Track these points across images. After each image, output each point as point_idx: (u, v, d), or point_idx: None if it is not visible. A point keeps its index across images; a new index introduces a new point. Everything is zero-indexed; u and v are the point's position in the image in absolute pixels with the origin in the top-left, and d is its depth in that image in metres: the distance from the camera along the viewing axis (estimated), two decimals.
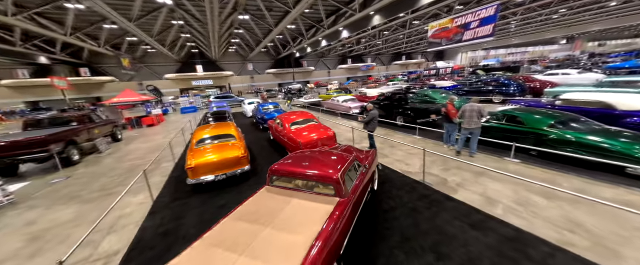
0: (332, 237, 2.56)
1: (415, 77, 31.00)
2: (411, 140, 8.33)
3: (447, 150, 7.05)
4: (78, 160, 7.84)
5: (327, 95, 19.60)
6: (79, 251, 3.58)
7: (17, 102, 28.86)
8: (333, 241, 2.56)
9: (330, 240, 2.52)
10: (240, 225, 2.68)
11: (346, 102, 14.16)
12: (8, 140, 6.26)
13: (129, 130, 13.43)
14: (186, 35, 26.71)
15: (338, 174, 3.22)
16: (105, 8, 14.81)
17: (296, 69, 40.93)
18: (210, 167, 5.39)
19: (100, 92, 32.37)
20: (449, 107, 6.69)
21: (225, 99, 21.24)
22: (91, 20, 20.81)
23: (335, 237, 2.64)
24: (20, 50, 22.21)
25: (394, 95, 11.22)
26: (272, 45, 35.63)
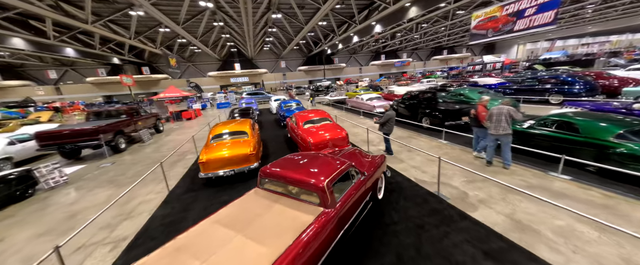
0: (305, 252, 2.37)
1: (456, 74, 28.05)
2: (435, 145, 7.52)
3: (474, 159, 6.17)
4: (124, 149, 9.07)
5: (353, 93, 19.05)
6: (98, 233, 4.08)
7: (97, 96, 34.85)
8: (306, 256, 2.38)
9: (303, 255, 2.34)
10: (216, 229, 2.65)
11: (371, 100, 13.51)
12: (70, 129, 7.57)
13: (171, 123, 15.07)
14: (226, 36, 28.71)
15: (325, 182, 2.99)
16: (158, 14, 16.73)
17: (327, 66, 40.82)
18: (221, 163, 5.63)
19: (157, 88, 37.07)
20: (480, 109, 5.80)
21: (255, 95, 22.28)
22: (149, 25, 23.75)
23: (311, 252, 2.44)
24: (99, 52, 26.51)
25: (421, 94, 10.27)
26: (304, 42, 36.08)
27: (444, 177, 5.28)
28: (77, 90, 34.27)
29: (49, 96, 32.80)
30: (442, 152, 6.81)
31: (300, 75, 43.12)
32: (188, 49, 32.84)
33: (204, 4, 18.69)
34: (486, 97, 5.91)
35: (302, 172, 3.24)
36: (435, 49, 51.80)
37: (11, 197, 5.10)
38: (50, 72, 33.14)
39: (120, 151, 8.81)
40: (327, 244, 2.73)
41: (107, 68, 33.51)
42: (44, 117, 13.88)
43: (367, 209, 3.98)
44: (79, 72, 34.26)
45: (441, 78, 28.57)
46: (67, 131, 7.54)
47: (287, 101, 13.12)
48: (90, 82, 33.76)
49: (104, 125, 8.11)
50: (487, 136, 5.90)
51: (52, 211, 4.86)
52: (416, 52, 52.02)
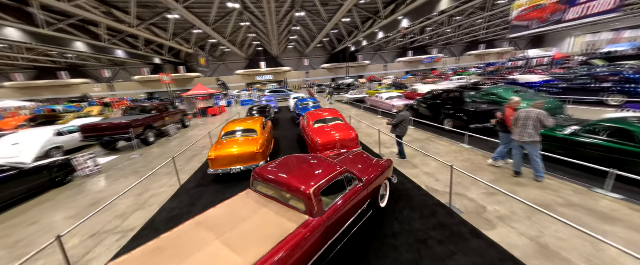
0: (282, 263, 2.25)
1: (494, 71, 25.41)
2: (455, 150, 6.84)
3: (497, 168, 5.46)
4: (153, 142, 9.89)
5: (374, 92, 18.37)
6: (113, 221, 4.44)
7: (141, 93, 38.77)
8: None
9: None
10: (198, 231, 2.63)
11: (390, 100, 12.86)
12: (107, 123, 8.46)
13: (198, 118, 16.10)
14: (253, 35, 29.72)
15: (311, 188, 2.81)
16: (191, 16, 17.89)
17: (350, 64, 40.03)
18: (228, 160, 5.77)
19: (191, 85, 39.96)
20: (508, 113, 5.09)
21: (277, 93, 22.73)
22: (184, 27, 25.56)
23: (290, 264, 2.32)
24: (143, 53, 29.30)
25: (445, 94, 9.43)
26: (327, 40, 35.80)
27: (460, 187, 4.76)
28: (126, 88, 38.51)
29: (104, 93, 37.39)
30: (462, 159, 6.17)
31: (323, 73, 43.01)
32: (219, 48, 34.76)
33: (231, 5, 19.49)
34: (516, 99, 5.16)
35: (291, 177, 3.11)
36: (471, 44, 47.66)
37: (53, 182, 5.85)
38: (105, 71, 37.70)
39: (149, 144, 9.63)
40: (309, 255, 2.56)
41: (150, 67, 37.04)
42: (95, 111, 15.86)
43: (366, 218, 3.72)
44: (128, 71, 38.43)
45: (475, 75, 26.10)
46: (105, 125, 8.46)
47: (304, 99, 13.11)
48: (137, 80, 37.66)
49: (135, 120, 8.92)
50: (507, 139, 5.21)
51: (82, 198, 5.45)
52: (448, 48, 48.41)
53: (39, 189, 5.57)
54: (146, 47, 29.31)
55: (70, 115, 13.90)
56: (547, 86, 12.20)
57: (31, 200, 5.35)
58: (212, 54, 36.81)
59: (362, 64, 43.75)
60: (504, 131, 5.22)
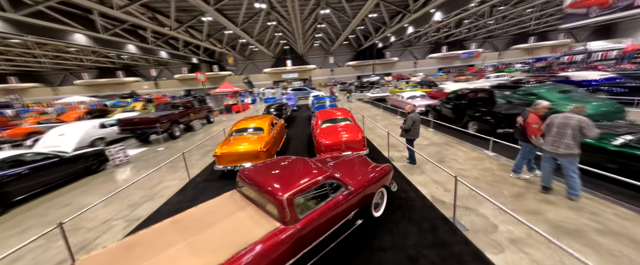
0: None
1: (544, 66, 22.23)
2: (475, 157, 6.12)
3: (519, 181, 4.73)
4: (179, 136, 10.73)
5: (397, 90, 17.45)
6: (125, 210, 4.87)
7: (180, 90, 42.52)
8: None
9: None
10: (171, 231, 2.65)
11: (412, 99, 12.05)
12: (139, 117, 9.42)
13: (223, 115, 17.07)
14: (279, 34, 30.43)
15: (285, 194, 2.67)
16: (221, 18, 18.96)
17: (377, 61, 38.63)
18: (233, 157, 5.96)
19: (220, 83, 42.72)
20: (531, 119, 4.34)
21: (298, 91, 22.97)
22: (217, 28, 27.27)
23: None
24: (182, 54, 31.97)
25: (472, 93, 8.49)
26: (353, 36, 35.00)
27: (473, 200, 4.23)
28: (168, 85, 42.60)
29: (150, 89, 41.86)
30: (482, 167, 5.49)
31: (348, 71, 42.27)
32: (248, 48, 36.34)
33: (258, 6, 20.15)
34: (545, 103, 4.38)
35: (269, 180, 3.01)
36: (518, 36, 42.41)
37: (88, 170, 6.69)
38: (152, 70, 42.14)
39: (175, 138, 10.48)
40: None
41: (188, 66, 40.35)
42: (138, 107, 17.81)
43: (354, 227, 3.50)
44: (170, 70, 42.42)
45: (520, 72, 23.16)
46: (137, 119, 9.44)
47: (320, 97, 12.99)
48: (177, 78, 41.38)
49: (162, 115, 9.77)
50: (527, 150, 4.47)
51: (109, 185, 6.12)
52: (490, 41, 43.77)
53: (76, 175, 6.42)
54: (185, 48, 31.91)
55: (118, 109, 15.81)
56: (607, 85, 10.25)
57: (69, 185, 6.19)
58: (241, 53, 38.64)
59: (390, 60, 41.95)
60: (524, 140, 4.48)
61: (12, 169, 5.07)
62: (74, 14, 16.05)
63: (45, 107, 21.82)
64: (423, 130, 9.07)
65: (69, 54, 31.87)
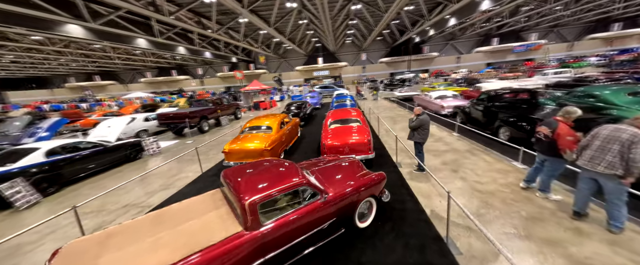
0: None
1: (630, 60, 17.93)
2: (500, 168, 5.30)
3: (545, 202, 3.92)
4: (207, 130, 11.74)
5: (429, 88, 16.09)
6: (142, 196, 5.51)
7: (222, 87, 46.31)
8: None
9: None
10: (149, 225, 2.79)
11: (440, 99, 10.96)
12: (173, 112, 10.57)
13: (251, 111, 18.05)
14: (311, 32, 30.72)
15: (249, 199, 2.65)
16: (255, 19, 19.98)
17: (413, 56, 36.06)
18: (240, 155, 6.25)
19: (259, 80, 45.03)
20: (563, 129, 3.53)
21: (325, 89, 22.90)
22: (253, 29, 28.83)
23: None
24: (223, 54, 34.67)
25: (508, 94, 7.33)
26: (388, 31, 33.27)
27: (481, 219, 3.68)
28: (212, 82, 46.81)
29: (196, 87, 46.57)
30: (503, 182, 4.73)
31: (381, 68, 40.47)
32: (281, 46, 37.60)
33: (289, 5, 20.63)
34: (574, 110, 3.54)
35: (242, 183, 3.01)
36: (596, 24, 34.97)
37: (127, 157, 7.78)
38: (199, 69, 46.79)
39: (203, 132, 11.49)
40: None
41: (229, 65, 43.65)
42: (181, 103, 20.02)
43: (330, 238, 3.35)
44: (213, 69, 46.51)
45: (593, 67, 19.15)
46: (171, 114, 10.62)
47: (340, 96, 12.74)
48: (219, 76, 45.17)
49: (192, 111, 10.79)
50: (556, 166, 3.65)
51: (140, 172, 7.00)
52: (557, 31, 37.08)
53: (116, 162, 7.52)
54: (225, 48, 34.51)
55: (164, 104, 18.00)
56: None
57: (109, 170, 7.30)
58: (276, 52, 40.13)
59: (428, 56, 38.82)
60: (552, 155, 3.67)
61: (66, 154, 6.20)
62: (137, 21, 18.72)
63: (111, 102, 26.14)
64: (446, 134, 8.22)
65: (135, 56, 37.33)
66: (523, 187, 4.35)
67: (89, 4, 14.10)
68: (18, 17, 12.31)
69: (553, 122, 3.66)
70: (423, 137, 5.23)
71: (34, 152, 5.70)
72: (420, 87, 19.03)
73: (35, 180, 5.44)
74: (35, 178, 5.46)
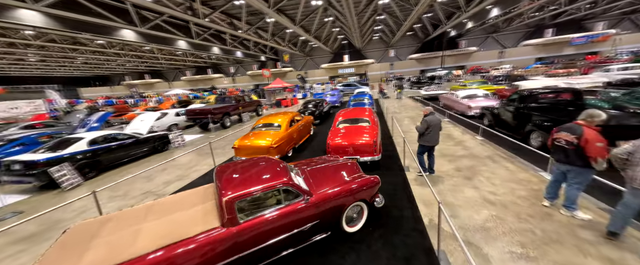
0: None
1: None
2: (523, 178, 4.67)
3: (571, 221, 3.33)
4: (229, 126, 12.44)
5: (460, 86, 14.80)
6: (160, 185, 6.07)
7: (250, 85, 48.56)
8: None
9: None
10: (143, 213, 2.98)
11: (467, 99, 10.00)
12: (199, 109, 11.40)
13: (273, 108, 18.62)
14: (337, 29, 30.44)
15: (227, 196, 2.72)
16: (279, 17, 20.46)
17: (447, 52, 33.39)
18: (248, 151, 6.49)
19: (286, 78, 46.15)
20: (591, 135, 2.97)
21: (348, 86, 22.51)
22: (280, 28, 29.62)
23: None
24: (253, 53, 36.30)
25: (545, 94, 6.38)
26: (419, 25, 31.31)
27: (485, 235, 3.31)
28: (242, 80, 49.36)
29: (228, 84, 49.54)
30: (523, 194, 4.17)
31: (410, 64, 38.30)
32: (307, 44, 37.95)
33: (315, 3, 20.72)
34: (601, 116, 2.93)
35: (226, 179, 3.12)
36: None
37: (155, 149, 8.64)
38: (231, 68, 49.70)
39: (226, 127, 12.21)
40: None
41: (258, 64, 45.53)
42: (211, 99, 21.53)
43: (313, 240, 3.30)
44: (244, 68, 48.97)
45: None
46: (198, 110, 11.48)
47: (360, 94, 12.42)
48: (249, 74, 47.42)
49: (217, 108, 11.52)
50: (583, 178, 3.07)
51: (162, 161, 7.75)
52: (633, 18, 31.02)
53: (147, 153, 8.40)
54: (255, 47, 36.02)
55: (197, 101, 19.53)
56: None
57: (139, 160, 8.17)
58: (302, 50, 40.66)
59: (465, 51, 35.63)
60: (579, 164, 3.09)
61: (104, 144, 7.12)
62: (178, 24, 20.60)
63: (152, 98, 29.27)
64: (468, 137, 7.51)
65: (177, 56, 41.11)
66: (546, 205, 3.76)
67: (139, 10, 15.98)
68: (86, 25, 14.55)
69: (576, 127, 3.10)
70: (429, 140, 4.85)
71: (79, 141, 6.67)
72: (451, 86, 17.64)
73: (79, 165, 6.37)
74: (79, 163, 6.39)
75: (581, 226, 3.29)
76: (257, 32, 28.50)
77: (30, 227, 4.49)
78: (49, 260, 2.35)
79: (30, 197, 5.85)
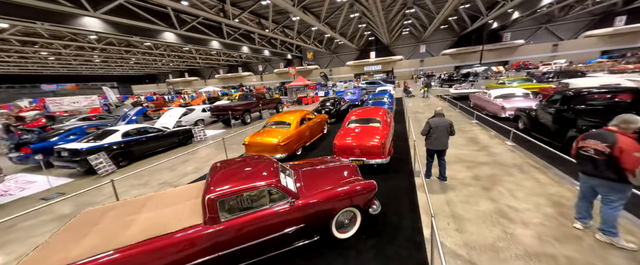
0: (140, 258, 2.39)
1: None
2: (554, 192, 4.00)
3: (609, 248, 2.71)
4: (249, 122, 12.92)
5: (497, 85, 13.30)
6: (177, 176, 6.52)
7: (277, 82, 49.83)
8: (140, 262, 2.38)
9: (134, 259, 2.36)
10: (142, 204, 3.14)
11: (501, 99, 8.90)
12: (222, 106, 12.04)
13: (293, 105, 18.86)
14: (363, 25, 29.59)
15: (210, 194, 2.76)
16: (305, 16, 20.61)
17: (487, 46, 30.20)
18: (257, 147, 6.63)
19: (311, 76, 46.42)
20: (627, 142, 2.41)
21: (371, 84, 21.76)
22: (306, 26, 29.85)
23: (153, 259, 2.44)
24: (279, 51, 37.21)
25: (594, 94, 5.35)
26: (455, 18, 28.85)
27: (493, 256, 2.91)
28: (270, 78, 50.96)
29: (256, 82, 51.56)
30: (552, 212, 3.57)
31: (443, 61, 35.49)
32: (333, 42, 37.60)
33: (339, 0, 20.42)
34: (638, 121, 2.30)
35: (215, 177, 3.17)
36: None
37: (180, 142, 9.35)
38: (259, 66, 51.62)
39: (246, 124, 12.71)
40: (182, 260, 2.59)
41: (285, 62, 46.57)
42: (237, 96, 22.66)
43: (299, 244, 3.20)
44: (271, 66, 50.50)
45: None
46: (221, 107, 12.13)
47: (380, 93, 11.91)
48: (276, 72, 48.78)
49: (238, 105, 12.03)
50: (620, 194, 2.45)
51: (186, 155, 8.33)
52: None
53: (172, 145, 9.11)
54: (281, 45, 36.88)
55: (225, 97, 20.69)
56: None
57: (167, 151, 8.89)
58: (327, 47, 40.42)
59: (510, 44, 31.88)
60: (613, 177, 2.49)
61: (136, 136, 7.90)
62: (212, 26, 22.06)
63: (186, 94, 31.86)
64: (496, 142, 6.69)
65: (211, 55, 44.07)
66: (578, 227, 3.15)
67: (178, 13, 17.55)
68: (136, 28, 16.53)
69: (608, 134, 2.53)
70: (431, 143, 4.44)
71: (115, 133, 7.51)
72: (487, 83, 15.97)
73: (113, 155, 7.18)
74: (113, 153, 7.20)
75: (622, 256, 2.68)
76: (283, 31, 29.08)
77: (65, 208, 5.16)
78: (55, 241, 2.63)
79: (74, 181, 6.76)
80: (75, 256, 2.29)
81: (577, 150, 2.91)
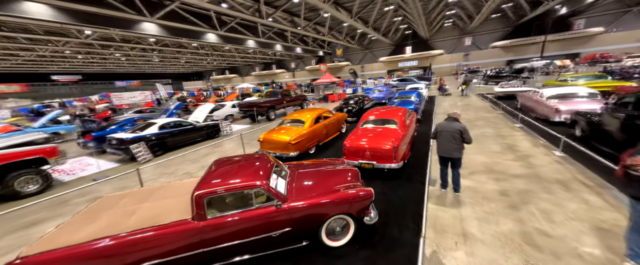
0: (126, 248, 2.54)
1: None
2: (604, 220, 3.20)
3: None
4: (273, 119, 13.31)
5: (559, 82, 11.27)
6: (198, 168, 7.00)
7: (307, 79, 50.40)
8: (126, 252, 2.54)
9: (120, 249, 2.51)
10: (148, 195, 3.36)
11: (557, 99, 7.46)
12: (247, 102, 12.62)
13: (320, 102, 18.79)
14: (399, 18, 27.91)
15: (198, 191, 2.83)
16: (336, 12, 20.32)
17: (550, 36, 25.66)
18: (271, 145, 6.73)
19: (342, 73, 45.87)
20: None
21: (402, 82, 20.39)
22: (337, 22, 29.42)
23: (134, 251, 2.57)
24: (311, 48, 37.50)
25: None
26: (510, 5, 25.15)
27: None
28: (302, 75, 51.86)
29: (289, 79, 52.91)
30: (596, 243, 2.84)
31: (492, 54, 31.36)
32: (366, 37, 36.34)
33: None
34: None
35: (211, 174, 3.26)
36: None
37: (208, 135, 10.06)
38: (292, 63, 52.83)
39: (270, 120, 13.12)
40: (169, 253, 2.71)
41: (316, 59, 46.82)
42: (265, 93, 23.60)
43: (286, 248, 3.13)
44: (303, 63, 51.25)
45: None
46: (247, 103, 12.72)
47: (407, 91, 11.09)
48: (307, 69, 49.38)
49: (263, 101, 12.47)
50: None
51: (213, 147, 8.95)
52: None
53: (202, 138, 9.87)
54: (313, 42, 37.13)
55: (255, 94, 21.71)
56: None
57: (197, 143, 9.65)
58: (360, 43, 39.26)
59: (582, 33, 26.56)
60: None
61: (170, 129, 8.77)
62: (248, 25, 23.35)
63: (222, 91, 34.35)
64: (542, 151, 5.66)
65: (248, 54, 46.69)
66: None
67: (219, 15, 19.09)
68: (183, 31, 18.51)
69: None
70: (440, 149, 3.91)
71: (153, 125, 8.45)
72: (545, 81, 13.67)
73: (151, 145, 8.09)
74: (151, 143, 8.11)
75: None
76: (315, 28, 29.10)
77: (107, 188, 5.98)
78: (72, 222, 2.99)
79: (119, 166, 7.81)
80: (78, 239, 2.59)
81: (624, 170, 2.25)
